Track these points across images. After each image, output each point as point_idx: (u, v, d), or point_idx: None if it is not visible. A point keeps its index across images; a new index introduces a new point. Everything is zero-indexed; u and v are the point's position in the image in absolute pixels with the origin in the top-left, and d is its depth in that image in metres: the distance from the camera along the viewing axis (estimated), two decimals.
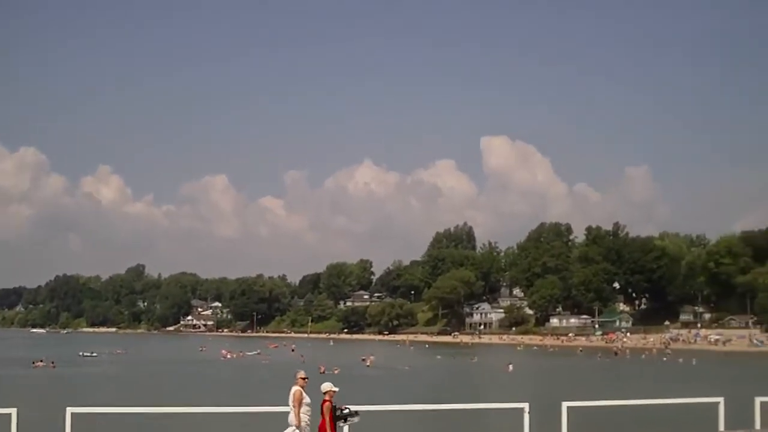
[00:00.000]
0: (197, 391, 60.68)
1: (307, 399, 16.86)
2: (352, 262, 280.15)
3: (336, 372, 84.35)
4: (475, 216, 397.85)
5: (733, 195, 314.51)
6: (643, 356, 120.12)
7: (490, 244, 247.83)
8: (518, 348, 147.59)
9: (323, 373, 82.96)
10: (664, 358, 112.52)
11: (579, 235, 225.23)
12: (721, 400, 20.30)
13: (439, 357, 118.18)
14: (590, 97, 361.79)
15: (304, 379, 17.06)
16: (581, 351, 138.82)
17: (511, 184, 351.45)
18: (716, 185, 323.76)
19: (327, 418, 16.20)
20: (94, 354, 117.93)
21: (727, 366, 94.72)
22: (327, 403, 16.34)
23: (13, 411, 16.82)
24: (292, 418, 16.83)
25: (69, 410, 16.98)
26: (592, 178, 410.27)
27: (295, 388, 16.90)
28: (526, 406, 18.65)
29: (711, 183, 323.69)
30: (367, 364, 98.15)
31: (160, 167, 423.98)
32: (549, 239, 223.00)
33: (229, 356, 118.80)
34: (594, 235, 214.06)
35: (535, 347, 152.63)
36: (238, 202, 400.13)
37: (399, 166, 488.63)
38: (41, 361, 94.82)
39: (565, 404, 19.05)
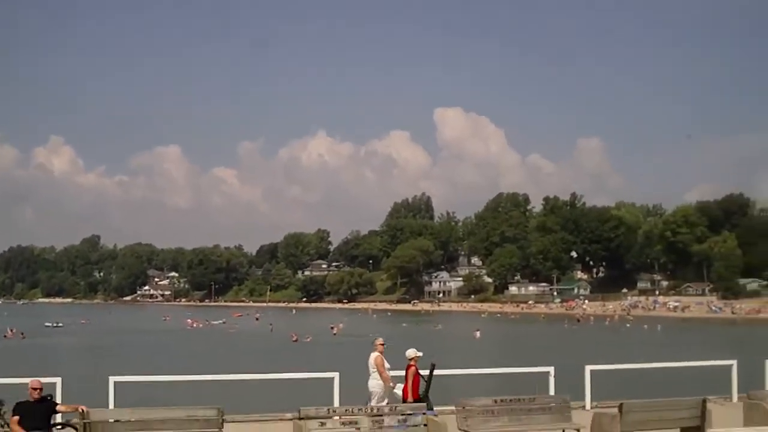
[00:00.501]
0: (183, 359, 60.46)
1: (387, 364, 17.29)
2: (310, 232, 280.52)
3: (308, 340, 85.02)
4: (430, 187, 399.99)
5: (683, 167, 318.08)
6: (607, 323, 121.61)
7: (448, 213, 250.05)
8: (482, 315, 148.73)
9: (296, 341, 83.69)
10: (627, 324, 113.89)
11: (536, 205, 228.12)
12: (734, 362, 20.89)
13: (404, 324, 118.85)
14: (542, 69, 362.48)
15: (382, 344, 17.44)
16: (543, 318, 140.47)
17: (465, 155, 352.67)
18: (667, 157, 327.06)
19: (410, 383, 16.61)
20: (60, 324, 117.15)
21: (692, 332, 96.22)
22: (412, 368, 16.76)
23: (58, 380, 16.99)
24: (374, 384, 17.24)
25: (112, 379, 17.09)
26: (545, 149, 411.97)
27: (375, 354, 17.28)
28: (551, 369, 19.16)
29: (662, 155, 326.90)
30: (335, 332, 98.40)
31: (111, 138, 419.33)
32: (507, 209, 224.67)
33: (195, 325, 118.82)
34: (551, 205, 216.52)
35: (498, 314, 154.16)
36: (191, 172, 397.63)
37: (352, 137, 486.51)
38: (12, 331, 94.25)
39: (588, 368, 19.58)
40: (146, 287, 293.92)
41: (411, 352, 16.80)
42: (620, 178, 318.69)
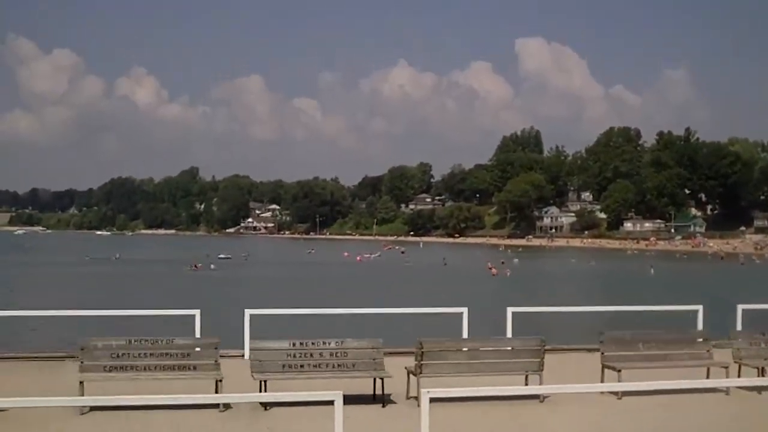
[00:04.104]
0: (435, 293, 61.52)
1: None
2: (412, 165, 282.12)
3: (507, 274, 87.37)
4: (512, 119, 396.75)
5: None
6: (758, 261, 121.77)
7: (557, 147, 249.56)
8: (628, 252, 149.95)
9: (495, 275, 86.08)
10: None
11: (647, 140, 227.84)
12: None
13: (573, 261, 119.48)
14: None
15: None
16: (685, 256, 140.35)
17: (548, 86, 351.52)
18: (753, 89, 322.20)
19: None
20: (229, 256, 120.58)
21: None
22: None
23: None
24: None
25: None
26: (630, 81, 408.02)
27: None
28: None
29: (749, 86, 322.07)
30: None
31: (193, 68, 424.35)
32: (618, 144, 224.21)
33: (359, 258, 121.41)
34: (665, 140, 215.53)
35: (636, 251, 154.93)
36: (272, 103, 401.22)
37: (434, 67, 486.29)
38: (196, 266, 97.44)
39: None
40: (249, 219, 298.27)
41: None
42: (706, 112, 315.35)
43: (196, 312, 16.45)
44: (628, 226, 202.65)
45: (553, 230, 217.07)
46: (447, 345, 14.69)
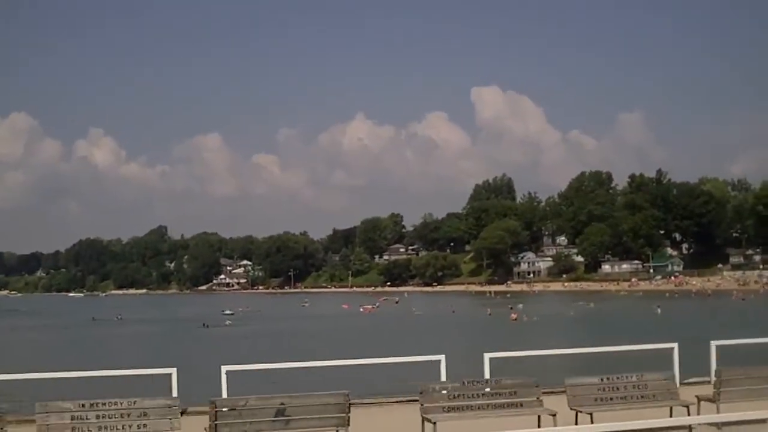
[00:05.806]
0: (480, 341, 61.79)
1: None
2: (378, 216, 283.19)
3: (526, 319, 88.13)
4: (470, 167, 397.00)
5: (725, 139, 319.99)
6: (753, 296, 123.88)
7: (530, 194, 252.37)
8: (621, 293, 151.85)
9: (515, 319, 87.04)
10: None
11: (619, 183, 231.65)
12: None
13: (581, 303, 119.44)
14: (581, 42, 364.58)
15: None
16: (676, 295, 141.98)
17: (505, 133, 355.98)
18: (707, 129, 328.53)
19: None
20: (232, 312, 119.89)
21: None
22: None
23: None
24: None
25: None
26: (586, 125, 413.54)
27: None
28: None
29: (703, 127, 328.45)
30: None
31: (150, 128, 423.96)
32: (590, 188, 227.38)
33: (363, 310, 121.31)
34: (637, 182, 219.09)
35: (624, 292, 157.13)
36: (232, 160, 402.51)
37: (392, 119, 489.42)
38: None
39: None
40: (221, 276, 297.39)
41: None
42: (664, 152, 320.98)
43: (441, 357, 17.06)
44: (606, 268, 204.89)
45: (531, 275, 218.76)
46: (742, 373, 15.82)
